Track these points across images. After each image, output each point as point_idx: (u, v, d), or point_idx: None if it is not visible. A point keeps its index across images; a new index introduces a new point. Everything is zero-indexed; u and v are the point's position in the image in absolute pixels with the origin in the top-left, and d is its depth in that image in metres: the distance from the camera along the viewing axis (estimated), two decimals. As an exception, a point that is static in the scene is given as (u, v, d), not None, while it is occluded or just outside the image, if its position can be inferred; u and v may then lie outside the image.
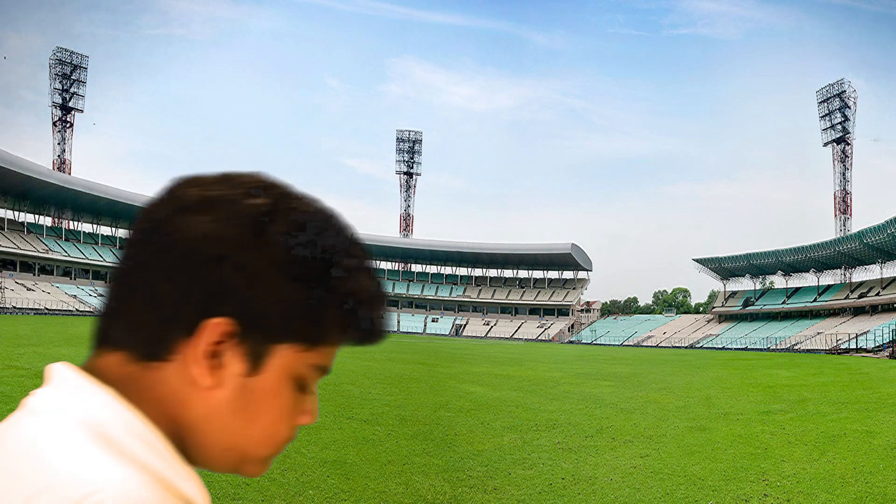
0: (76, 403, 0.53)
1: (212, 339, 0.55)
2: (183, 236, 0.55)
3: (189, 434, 0.57)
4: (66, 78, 79.49)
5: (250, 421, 0.58)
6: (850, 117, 75.42)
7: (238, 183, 0.58)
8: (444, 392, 13.49)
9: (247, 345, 0.56)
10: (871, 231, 58.12)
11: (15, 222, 71.48)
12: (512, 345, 57.12)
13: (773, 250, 70.68)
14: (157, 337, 0.55)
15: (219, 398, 0.56)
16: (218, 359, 0.56)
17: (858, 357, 39.49)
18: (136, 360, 0.56)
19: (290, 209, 0.58)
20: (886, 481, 6.38)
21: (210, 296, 0.54)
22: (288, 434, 0.61)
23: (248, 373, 0.56)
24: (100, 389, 0.54)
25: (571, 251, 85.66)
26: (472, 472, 6.60)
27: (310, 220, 0.58)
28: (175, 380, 0.56)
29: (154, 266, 0.55)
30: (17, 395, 9.55)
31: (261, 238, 0.55)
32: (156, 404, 0.55)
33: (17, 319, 40.65)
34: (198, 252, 0.54)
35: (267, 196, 0.58)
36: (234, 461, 0.59)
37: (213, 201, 0.56)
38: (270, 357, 0.57)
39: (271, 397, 0.58)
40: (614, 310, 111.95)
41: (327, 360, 0.61)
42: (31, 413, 0.55)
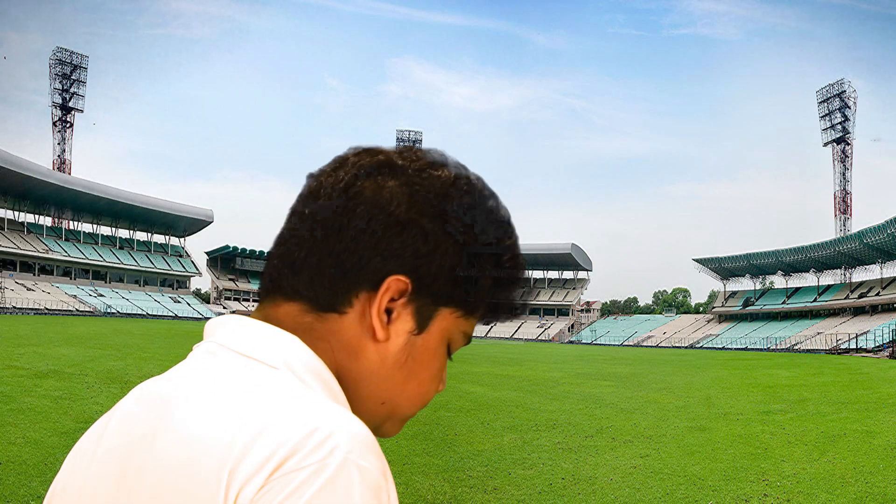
0: (271, 347, 0.58)
1: (391, 295, 0.59)
2: (374, 198, 0.59)
3: (351, 385, 0.61)
4: (66, 78, 79.47)
5: (410, 376, 0.63)
6: (850, 117, 75.40)
7: (420, 155, 0.63)
8: (444, 392, 13.44)
9: (417, 304, 0.61)
10: (871, 231, 58.11)
11: (15, 222, 71.46)
12: (512, 345, 57.11)
13: (773, 250, 70.68)
14: (339, 290, 0.59)
15: (388, 351, 0.61)
16: (391, 314, 0.60)
17: (858, 357, 39.49)
18: (314, 310, 0.60)
19: (470, 185, 0.63)
20: (886, 481, 6.38)
21: (393, 256, 0.59)
22: (432, 395, 0.66)
23: (415, 331, 0.61)
24: (289, 335, 0.59)
25: (571, 251, 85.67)
26: (472, 472, 6.60)
27: (484, 199, 0.63)
28: (349, 332, 0.60)
29: (344, 226, 0.59)
30: (17, 394, 9.55)
31: (444, 209, 0.60)
32: (328, 354, 0.60)
33: (17, 319, 40.64)
34: (388, 214, 0.59)
35: (451, 169, 0.63)
36: (383, 416, 0.64)
37: (401, 168, 0.61)
38: (435, 319, 0.62)
39: (430, 356, 0.63)
40: (614, 310, 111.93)
41: (472, 329, 0.66)
42: (222, 354, 0.58)
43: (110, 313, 64.65)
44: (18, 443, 6.62)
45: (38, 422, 7.70)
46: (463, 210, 0.61)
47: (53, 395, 9.71)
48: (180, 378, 0.58)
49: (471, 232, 0.61)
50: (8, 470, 5.62)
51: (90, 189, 69.55)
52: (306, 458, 0.49)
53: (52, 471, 5.64)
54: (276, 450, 0.49)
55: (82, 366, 13.92)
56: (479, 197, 0.63)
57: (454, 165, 0.64)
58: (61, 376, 11.88)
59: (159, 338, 26.63)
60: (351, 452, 0.50)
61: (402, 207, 0.59)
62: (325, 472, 0.48)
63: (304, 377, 0.57)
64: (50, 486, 0.59)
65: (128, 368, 14.04)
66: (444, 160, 0.64)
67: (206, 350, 0.60)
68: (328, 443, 0.49)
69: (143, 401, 0.58)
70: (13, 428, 7.30)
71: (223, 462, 0.49)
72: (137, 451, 0.54)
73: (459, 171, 0.64)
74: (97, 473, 0.56)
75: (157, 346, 21.54)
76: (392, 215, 0.59)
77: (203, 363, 0.58)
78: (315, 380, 0.57)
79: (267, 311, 0.62)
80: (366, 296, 0.59)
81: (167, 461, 0.52)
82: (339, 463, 0.49)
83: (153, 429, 0.54)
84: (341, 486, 0.48)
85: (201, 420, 0.52)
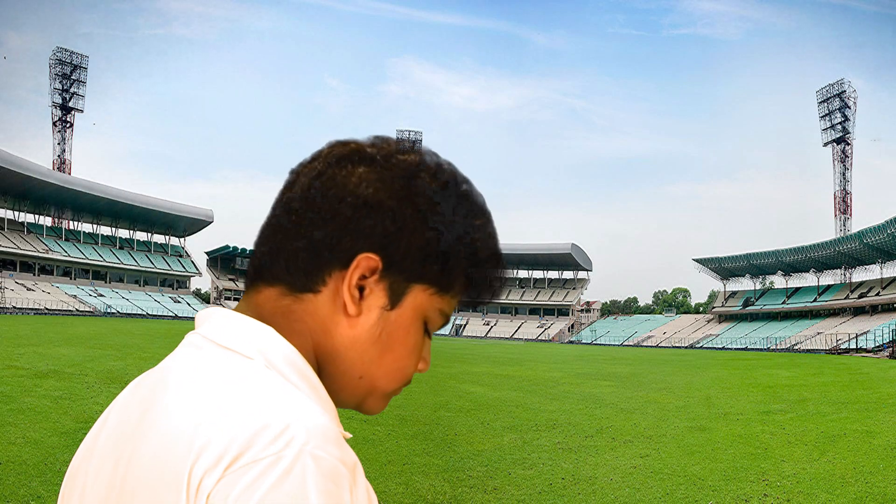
0: (248, 338, 0.61)
1: (361, 272, 0.62)
2: (343, 183, 0.63)
3: (329, 362, 0.65)
4: (66, 78, 79.45)
5: (385, 351, 0.65)
6: (850, 117, 75.38)
7: (391, 142, 0.67)
8: (444, 392, 13.48)
9: (388, 281, 0.63)
10: (871, 231, 58.09)
11: (15, 222, 71.46)
12: (512, 345, 57.12)
13: (773, 250, 70.65)
14: (312, 270, 0.63)
15: (361, 326, 0.64)
16: (364, 291, 0.63)
17: (858, 357, 39.48)
18: (291, 292, 0.64)
19: (437, 167, 0.66)
20: (886, 481, 6.38)
21: (362, 236, 0.62)
22: (412, 371, 0.68)
23: (387, 307, 0.64)
24: (266, 327, 0.62)
25: (571, 251, 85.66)
26: (472, 472, 6.60)
27: (451, 179, 0.66)
28: (324, 310, 0.63)
29: (316, 210, 0.63)
30: (17, 394, 9.55)
31: (411, 189, 0.63)
32: (305, 334, 0.63)
33: (17, 319, 40.65)
34: (357, 196, 0.62)
35: (420, 155, 0.66)
36: (363, 392, 0.67)
37: (370, 156, 0.64)
38: (407, 295, 0.65)
39: (404, 332, 0.66)
40: (614, 310, 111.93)
41: (450, 309, 0.68)
42: (204, 346, 0.62)
43: (110, 313, 64.64)
44: (18, 443, 6.62)
45: (38, 422, 7.70)
46: (431, 190, 0.64)
47: (53, 395, 9.72)
48: (166, 370, 0.61)
49: (439, 210, 0.64)
50: (8, 470, 5.62)
51: (90, 189, 69.53)
52: (263, 450, 0.50)
53: (52, 471, 5.64)
54: (231, 442, 0.51)
55: (82, 366, 13.93)
56: (449, 178, 0.66)
57: (425, 152, 0.67)
58: (61, 376, 11.88)
59: (159, 338, 26.63)
60: (307, 444, 0.51)
61: (370, 190, 0.62)
62: (280, 463, 0.50)
63: (279, 367, 0.59)
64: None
65: (128, 368, 14.03)
66: (414, 147, 0.67)
67: (190, 342, 0.64)
68: (284, 435, 0.51)
69: (135, 392, 0.63)
70: (13, 428, 7.30)
71: (187, 454, 0.52)
72: (128, 441, 0.58)
73: (429, 156, 0.67)
74: (97, 464, 0.60)
75: (157, 346, 21.53)
76: (360, 197, 0.62)
77: (186, 355, 0.62)
78: (290, 369, 0.60)
79: (250, 298, 0.66)
80: (338, 274, 0.62)
81: (147, 452, 0.55)
82: (295, 454, 0.50)
83: (140, 420, 0.58)
84: (296, 475, 0.49)
85: (175, 412, 0.55)
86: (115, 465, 0.58)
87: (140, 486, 0.54)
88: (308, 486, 0.50)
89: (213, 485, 0.50)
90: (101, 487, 0.58)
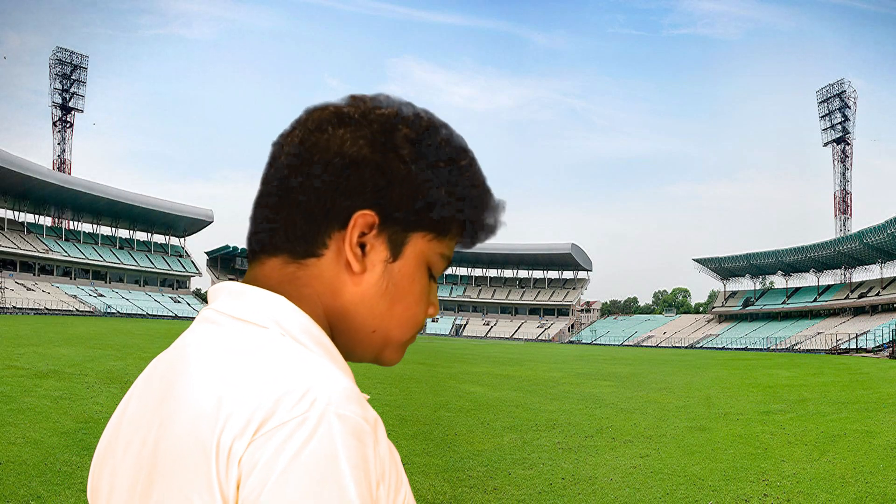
0: (261, 308, 0.63)
1: (360, 230, 0.64)
2: (327, 146, 0.64)
3: (340, 321, 0.66)
4: (66, 78, 79.45)
5: (394, 302, 0.67)
6: (850, 117, 75.36)
7: (367, 100, 0.68)
8: (444, 392, 13.48)
9: (387, 234, 0.65)
10: (871, 231, 58.07)
11: (15, 222, 71.44)
12: (512, 345, 57.12)
13: (773, 250, 70.62)
14: (312, 235, 0.64)
15: (368, 282, 0.65)
16: (365, 248, 0.65)
17: (858, 357, 39.48)
18: (294, 260, 0.65)
19: (414, 116, 0.67)
20: (886, 481, 6.38)
21: (355, 193, 0.63)
22: (423, 318, 0.71)
23: (390, 259, 0.66)
24: (277, 296, 0.64)
25: (571, 251, 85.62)
26: (472, 472, 6.60)
27: (431, 126, 0.67)
28: (329, 272, 0.65)
29: (305, 177, 0.63)
30: (17, 394, 9.55)
31: (393, 141, 0.64)
32: (314, 298, 0.65)
33: (17, 319, 40.64)
34: (343, 156, 0.63)
35: (392, 107, 0.67)
36: (378, 345, 0.69)
37: (348, 115, 0.65)
38: (407, 245, 0.66)
39: (410, 281, 0.67)
40: (614, 310, 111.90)
41: (450, 251, 0.70)
42: (218, 319, 0.64)
43: (110, 313, 64.63)
44: (18, 443, 6.62)
45: (38, 422, 7.70)
46: (413, 138, 0.65)
47: (53, 395, 9.71)
48: (184, 346, 0.63)
49: (424, 158, 0.65)
50: (8, 470, 5.62)
51: (90, 189, 69.49)
52: (287, 413, 0.52)
53: (52, 471, 5.64)
54: (256, 409, 0.52)
55: (82, 366, 13.92)
56: (429, 125, 0.67)
57: (401, 104, 0.68)
58: (61, 376, 11.88)
59: (159, 338, 26.62)
60: (330, 404, 0.53)
61: (354, 148, 0.63)
62: (306, 424, 0.51)
63: (294, 334, 0.61)
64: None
65: (128, 368, 14.03)
66: (389, 101, 0.68)
67: (205, 317, 0.65)
68: (307, 397, 0.53)
69: (155, 371, 0.65)
70: (13, 428, 7.30)
71: (213, 425, 0.53)
72: (153, 418, 0.59)
73: (405, 107, 0.68)
74: (124, 444, 0.62)
75: (157, 346, 21.52)
76: (346, 156, 0.63)
77: (203, 330, 0.64)
78: (305, 336, 0.62)
79: (255, 271, 0.67)
80: (338, 235, 0.64)
81: (174, 427, 0.56)
82: (320, 414, 0.52)
83: (163, 397, 0.60)
84: (322, 434, 0.51)
85: (198, 385, 0.57)
86: (143, 443, 0.59)
87: (170, 461, 0.55)
88: (335, 443, 0.52)
89: (243, 450, 0.52)
90: (130, 466, 0.60)
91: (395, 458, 0.60)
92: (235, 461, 0.52)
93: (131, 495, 0.59)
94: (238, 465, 0.52)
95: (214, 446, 0.53)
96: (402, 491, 0.60)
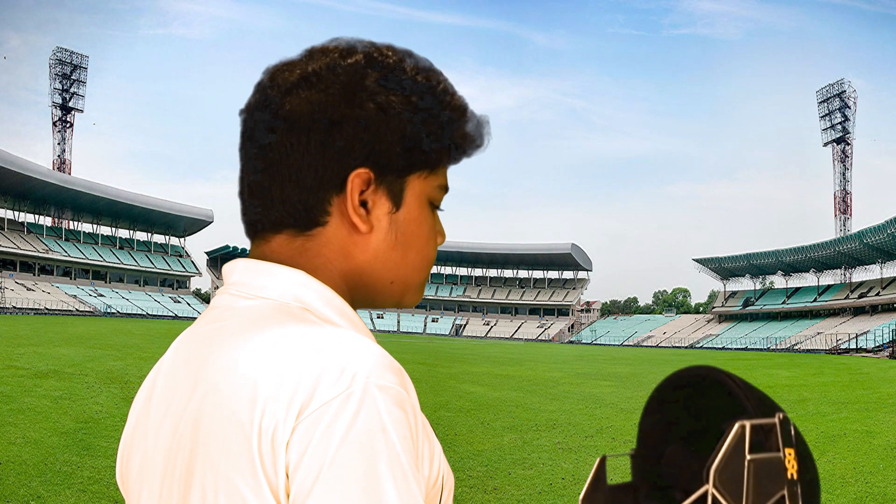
0: (281, 284, 0.62)
1: (359, 189, 0.63)
2: (302, 113, 0.61)
3: (358, 280, 0.66)
4: (66, 78, 79.43)
5: (407, 250, 0.67)
6: (850, 117, 75.36)
7: (328, 52, 0.65)
8: (444, 392, 13.48)
9: (385, 185, 0.64)
10: (871, 231, 58.07)
11: (15, 222, 71.43)
12: (512, 345, 57.10)
13: (773, 250, 70.61)
14: (312, 205, 0.63)
15: (377, 237, 0.65)
16: (367, 205, 0.64)
17: (858, 357, 39.49)
18: (300, 232, 0.64)
19: (379, 56, 0.64)
20: (886, 481, 6.38)
21: (343, 155, 0.62)
22: (434, 255, 0.71)
23: (393, 210, 0.65)
24: (295, 270, 0.63)
25: (571, 251, 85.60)
26: (472, 472, 6.60)
27: (396, 64, 0.64)
28: (338, 237, 0.64)
29: (288, 147, 0.62)
30: (17, 394, 9.55)
31: (366, 90, 0.62)
32: (328, 266, 0.64)
33: (17, 319, 40.63)
34: (321, 121, 0.61)
35: (359, 52, 0.64)
36: (398, 293, 0.69)
37: (315, 74, 0.62)
38: (407, 190, 0.65)
39: (417, 224, 0.67)
40: (614, 310, 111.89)
41: (446, 178, 0.70)
42: (240, 298, 0.63)
43: (110, 313, 64.63)
44: (18, 443, 6.62)
45: (38, 422, 7.70)
46: (382, 83, 0.63)
47: (53, 395, 9.71)
48: (209, 327, 0.63)
49: (399, 96, 0.63)
50: (8, 470, 5.62)
51: (90, 189, 69.46)
52: (330, 390, 0.51)
53: (52, 471, 5.65)
54: (296, 391, 0.52)
55: (82, 366, 13.92)
56: (394, 62, 0.64)
57: (363, 46, 0.65)
58: (61, 376, 11.88)
59: (159, 338, 26.62)
60: (370, 376, 0.52)
61: (329, 109, 0.61)
62: (351, 400, 0.51)
63: (317, 308, 0.61)
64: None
65: (128, 368, 14.03)
66: (351, 46, 0.65)
67: (225, 296, 0.64)
68: (347, 372, 0.52)
69: (179, 354, 0.64)
70: (13, 428, 7.30)
71: (251, 410, 0.52)
72: (186, 403, 0.58)
73: (367, 49, 0.65)
74: (155, 430, 0.61)
75: (157, 346, 21.52)
76: (326, 119, 0.61)
77: (225, 309, 0.63)
78: (328, 308, 0.62)
79: (261, 249, 0.66)
80: (338, 199, 0.63)
81: (209, 413, 0.55)
82: (363, 388, 0.51)
83: (194, 383, 0.59)
84: (369, 407, 0.51)
85: (230, 369, 0.56)
86: (174, 429, 0.59)
87: (211, 447, 0.54)
88: (383, 415, 0.51)
89: (290, 435, 0.51)
90: (163, 452, 0.59)
91: (426, 422, 0.60)
92: (282, 447, 0.51)
93: (167, 480, 0.58)
94: (286, 450, 0.51)
95: (256, 432, 0.51)
96: (436, 453, 0.60)
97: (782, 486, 0.65)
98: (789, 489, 0.65)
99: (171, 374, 0.63)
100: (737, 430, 0.64)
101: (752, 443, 0.65)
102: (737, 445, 0.64)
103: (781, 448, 0.66)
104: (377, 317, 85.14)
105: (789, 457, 0.66)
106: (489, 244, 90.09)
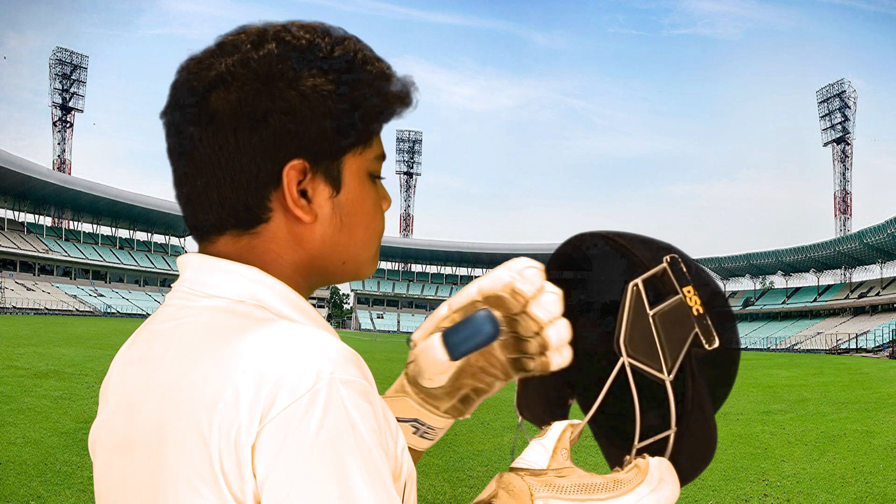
0: (233, 283, 0.61)
1: (295, 181, 0.61)
2: (224, 116, 0.59)
3: (310, 267, 0.65)
4: (66, 78, 79.47)
5: (353, 229, 0.66)
6: (849, 117, 75.40)
7: (238, 43, 0.62)
8: (444, 392, 13.47)
9: (322, 171, 0.62)
10: (871, 231, 58.10)
11: (15, 222, 71.46)
12: (512, 345, 56.99)
13: (773, 250, 70.64)
14: (251, 204, 0.61)
15: (322, 224, 0.63)
16: (307, 194, 0.62)
17: (858, 357, 39.50)
18: (244, 231, 0.63)
19: (293, 42, 0.62)
20: (886, 481, 6.38)
21: (274, 150, 0.60)
22: (383, 224, 0.70)
23: (334, 193, 0.63)
24: (249, 268, 0.61)
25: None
26: (472, 472, 6.60)
27: (310, 46, 0.62)
28: (282, 231, 0.63)
29: (217, 149, 0.60)
30: (17, 394, 9.55)
31: (284, 78, 0.60)
32: (277, 261, 0.63)
33: (17, 319, 40.63)
34: (244, 121, 0.59)
35: (270, 41, 0.61)
36: (353, 270, 0.68)
37: (230, 72, 0.60)
38: (344, 170, 0.64)
39: (360, 202, 0.66)
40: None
41: (381, 147, 0.68)
42: (194, 297, 0.62)
43: (110, 313, 64.66)
44: (18, 443, 6.62)
45: (38, 422, 7.70)
46: (298, 68, 0.60)
47: (53, 395, 9.71)
48: (163, 325, 0.62)
49: (317, 79, 0.61)
50: (8, 470, 5.62)
51: (90, 189, 69.48)
52: (296, 390, 0.50)
53: (52, 471, 5.65)
54: (258, 392, 0.50)
55: (82, 366, 13.94)
56: (307, 42, 0.62)
57: (274, 33, 0.62)
58: (61, 376, 11.88)
59: (159, 338, 26.60)
60: (333, 371, 0.52)
61: (250, 106, 0.59)
62: (318, 398, 0.50)
63: (273, 305, 0.60)
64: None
65: (128, 368, 14.02)
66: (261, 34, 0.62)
67: (179, 292, 0.63)
68: (309, 370, 0.51)
69: (132, 356, 0.63)
70: (13, 428, 7.30)
71: (210, 414, 0.51)
72: (139, 409, 0.58)
73: (278, 34, 0.62)
74: (110, 436, 0.61)
75: (157, 346, 21.50)
76: (248, 118, 0.59)
77: (179, 307, 0.62)
78: (283, 304, 0.61)
79: (208, 251, 0.64)
80: (277, 193, 0.61)
81: (165, 413, 0.55)
82: (328, 384, 0.51)
83: (146, 386, 0.58)
84: (336, 404, 0.50)
85: (185, 369, 0.55)
86: (140, 436, 0.57)
87: (173, 454, 0.53)
88: (350, 411, 0.51)
89: (254, 438, 0.50)
90: (131, 461, 0.58)
91: (388, 410, 0.59)
92: (247, 451, 0.50)
93: (137, 490, 0.57)
94: (252, 455, 0.50)
95: (216, 436, 0.51)
96: (400, 440, 0.59)
97: (692, 326, 0.65)
98: (700, 324, 0.65)
99: (123, 380, 0.62)
100: (630, 291, 0.64)
101: (650, 297, 0.65)
102: (636, 307, 0.64)
103: (679, 290, 0.65)
104: (377, 317, 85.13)
105: (689, 294, 0.65)
106: (489, 244, 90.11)
